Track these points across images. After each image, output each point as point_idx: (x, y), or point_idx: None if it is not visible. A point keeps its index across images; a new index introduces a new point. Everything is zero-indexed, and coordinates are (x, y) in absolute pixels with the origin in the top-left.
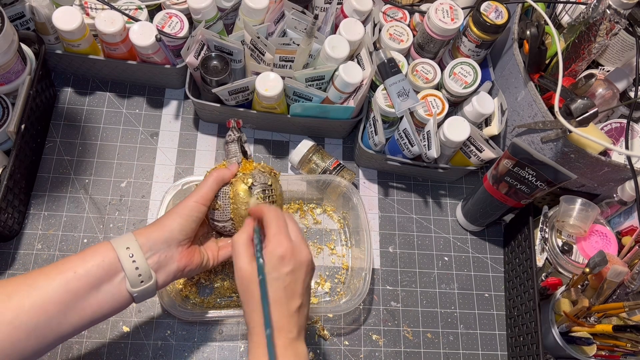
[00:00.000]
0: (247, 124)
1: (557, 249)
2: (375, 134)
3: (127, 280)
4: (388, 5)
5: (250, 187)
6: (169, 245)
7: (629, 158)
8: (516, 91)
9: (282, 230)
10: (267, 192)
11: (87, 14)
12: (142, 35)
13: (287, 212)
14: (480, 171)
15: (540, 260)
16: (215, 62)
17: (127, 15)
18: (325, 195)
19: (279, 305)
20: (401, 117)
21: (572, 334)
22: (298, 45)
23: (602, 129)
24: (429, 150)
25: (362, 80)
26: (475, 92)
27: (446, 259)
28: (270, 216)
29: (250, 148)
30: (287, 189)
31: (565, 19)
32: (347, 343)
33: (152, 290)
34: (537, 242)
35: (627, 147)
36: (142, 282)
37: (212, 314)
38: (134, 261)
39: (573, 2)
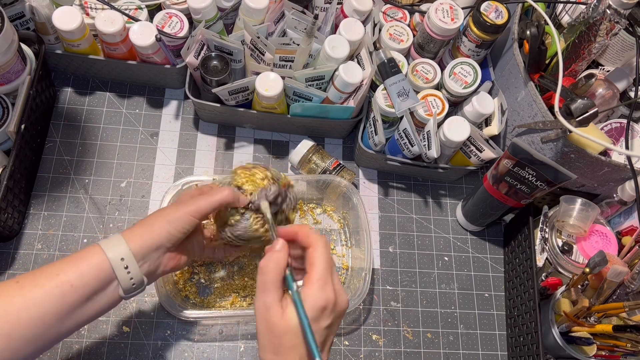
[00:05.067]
0: (247, 123)
1: (557, 249)
2: (375, 134)
3: (121, 288)
4: (388, 5)
5: (270, 204)
6: (158, 253)
7: (629, 158)
8: (516, 91)
9: (328, 274)
10: (286, 205)
11: (87, 14)
12: (142, 35)
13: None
14: (480, 171)
15: (540, 260)
16: (215, 62)
17: (127, 15)
18: (325, 195)
19: None
20: (401, 117)
21: (572, 334)
22: (298, 45)
23: (602, 129)
24: (429, 150)
25: (362, 80)
26: (475, 92)
27: (446, 259)
28: (319, 253)
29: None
30: None
31: (566, 19)
32: (347, 343)
33: (142, 291)
34: (537, 242)
35: (627, 147)
36: (135, 288)
37: (212, 314)
38: (128, 272)
39: (573, 2)
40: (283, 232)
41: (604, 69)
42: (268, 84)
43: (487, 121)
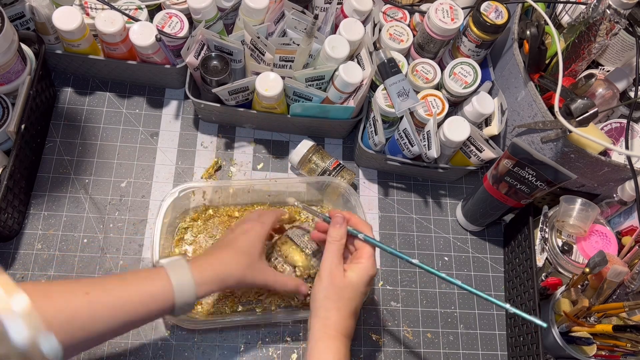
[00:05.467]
0: (247, 123)
1: (557, 249)
2: (375, 134)
3: (172, 315)
4: (388, 5)
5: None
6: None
7: (628, 158)
8: (516, 91)
9: (374, 254)
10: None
11: (87, 14)
12: (142, 35)
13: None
14: (480, 171)
15: (540, 260)
16: (215, 62)
17: (127, 15)
18: (326, 196)
19: (355, 317)
20: (401, 117)
21: (572, 334)
22: (298, 45)
23: (602, 129)
24: (429, 150)
25: (362, 80)
26: (475, 92)
27: (446, 259)
28: (368, 234)
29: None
30: (286, 191)
31: (565, 19)
32: None
33: None
34: (537, 242)
35: (627, 147)
36: (182, 314)
37: (214, 321)
38: (185, 310)
39: (573, 2)
40: (339, 218)
41: (603, 69)
42: (268, 84)
43: (487, 121)
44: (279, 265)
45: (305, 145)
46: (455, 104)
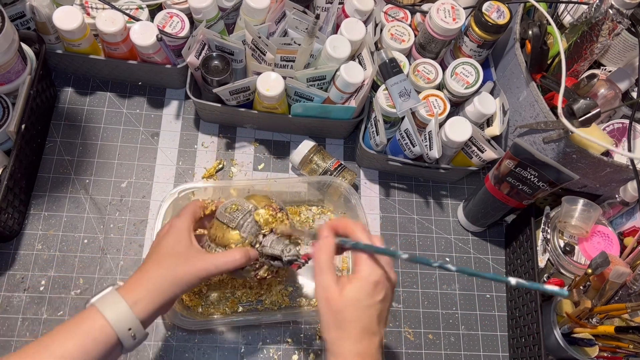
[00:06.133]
0: (248, 124)
1: (559, 250)
2: (377, 134)
3: (124, 348)
4: (389, 5)
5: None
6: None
7: (631, 159)
8: (518, 91)
9: (373, 254)
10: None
11: (88, 14)
12: (143, 35)
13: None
14: (482, 171)
15: (542, 261)
16: (216, 62)
17: (127, 15)
18: (327, 196)
19: (372, 335)
20: (403, 118)
21: (574, 335)
22: (299, 45)
23: (604, 129)
24: (430, 150)
25: (364, 80)
26: (476, 92)
27: (447, 259)
28: (362, 237)
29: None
30: (287, 191)
31: (568, 19)
32: None
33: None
34: (539, 243)
35: (629, 148)
36: (138, 345)
37: (214, 322)
38: (134, 338)
39: (575, 2)
40: (324, 229)
41: (606, 69)
42: (269, 84)
43: (489, 121)
44: (212, 252)
45: (307, 145)
46: (457, 104)
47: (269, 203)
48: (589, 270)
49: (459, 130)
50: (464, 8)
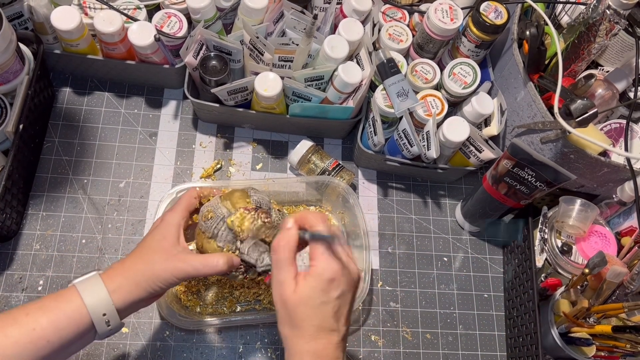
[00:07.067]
0: (246, 124)
1: (557, 250)
2: (375, 134)
3: (97, 334)
4: (387, 5)
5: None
6: (139, 305)
7: (628, 159)
8: (515, 91)
9: (329, 249)
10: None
11: (86, 14)
12: (141, 35)
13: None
14: (480, 171)
15: (539, 261)
16: (214, 62)
17: (125, 15)
18: (325, 196)
19: (329, 333)
20: (400, 118)
21: (572, 335)
22: (297, 45)
23: (601, 129)
24: (428, 150)
25: (362, 81)
26: (474, 92)
27: (445, 259)
28: (319, 229)
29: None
30: (285, 191)
31: (565, 19)
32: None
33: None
34: (537, 242)
35: (626, 148)
36: (111, 333)
37: (213, 322)
38: (108, 325)
39: (573, 3)
40: (288, 221)
41: (603, 69)
42: (267, 84)
43: (487, 121)
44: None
45: (305, 145)
46: (455, 104)
47: (245, 203)
48: (587, 270)
49: (456, 130)
50: (462, 8)
